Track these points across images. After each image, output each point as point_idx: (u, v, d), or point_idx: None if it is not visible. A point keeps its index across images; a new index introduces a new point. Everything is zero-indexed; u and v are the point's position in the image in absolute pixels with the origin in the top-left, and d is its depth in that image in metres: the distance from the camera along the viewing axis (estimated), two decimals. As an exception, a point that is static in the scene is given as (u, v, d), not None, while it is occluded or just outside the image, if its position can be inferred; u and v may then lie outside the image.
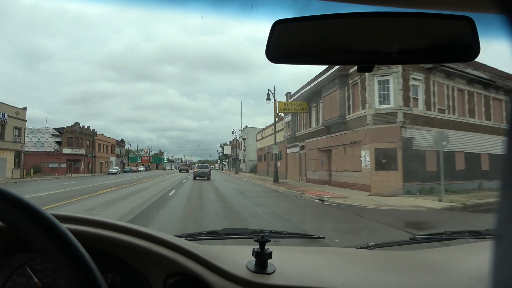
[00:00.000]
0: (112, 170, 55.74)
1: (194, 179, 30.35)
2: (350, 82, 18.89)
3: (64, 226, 0.54)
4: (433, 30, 0.62)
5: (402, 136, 15.73)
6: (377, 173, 16.23)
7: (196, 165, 40.34)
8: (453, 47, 0.63)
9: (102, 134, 67.54)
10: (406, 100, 16.31)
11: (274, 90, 27.38)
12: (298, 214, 10.14)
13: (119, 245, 0.85)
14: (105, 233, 0.86)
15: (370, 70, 0.64)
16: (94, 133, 61.09)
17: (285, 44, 0.64)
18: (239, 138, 65.58)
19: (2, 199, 0.50)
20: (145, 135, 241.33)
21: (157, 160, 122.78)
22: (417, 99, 16.90)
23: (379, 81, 16.36)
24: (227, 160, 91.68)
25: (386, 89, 16.39)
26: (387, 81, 16.22)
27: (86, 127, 57.20)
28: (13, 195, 0.51)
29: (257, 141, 49.67)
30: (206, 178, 30.46)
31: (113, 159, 73.95)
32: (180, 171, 57.46)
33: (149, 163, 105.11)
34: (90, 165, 55.47)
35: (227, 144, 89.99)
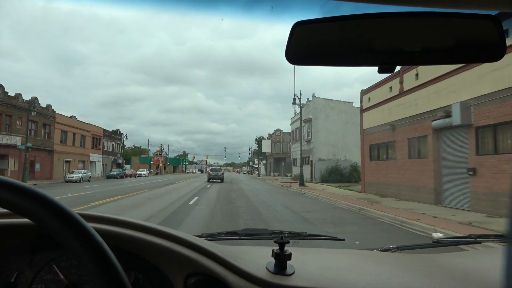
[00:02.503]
0: (73, 176, 35.14)
1: (208, 181, 33.77)
2: None
3: (90, 225, 0.56)
4: (456, 30, 0.61)
5: None
6: None
7: (210, 168, 41.66)
8: (477, 47, 0.62)
9: (72, 117, 41.26)
10: None
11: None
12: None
13: (141, 244, 0.87)
14: (128, 232, 0.88)
15: (391, 71, 0.64)
16: (51, 112, 35.09)
17: (305, 46, 0.64)
18: (296, 121, 39.51)
19: (30, 197, 0.52)
20: (173, 138, 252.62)
21: (174, 162, 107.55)
22: None
23: None
24: (264, 161, 63.53)
25: None
26: None
27: (34, 102, 31.54)
28: (41, 194, 0.53)
29: (363, 111, 21.88)
30: (219, 180, 34.15)
31: (97, 157, 47.83)
32: (209, 180, 35.27)
33: (160, 165, 79.24)
34: (40, 166, 36.08)
35: (264, 138, 61.98)
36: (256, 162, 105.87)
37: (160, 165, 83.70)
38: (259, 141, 71.00)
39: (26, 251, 0.93)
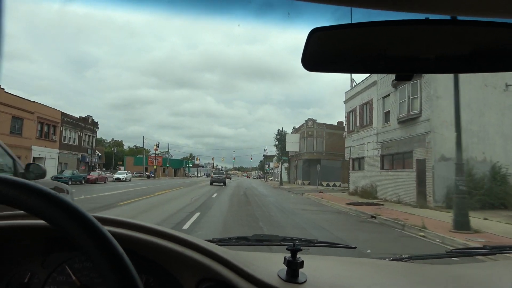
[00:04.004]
0: None
1: (211, 184, 34.11)
2: None
3: (105, 228, 0.58)
4: (476, 38, 0.61)
5: None
6: None
7: (213, 172, 44.63)
8: (497, 56, 0.62)
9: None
10: None
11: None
12: None
13: (154, 248, 0.88)
14: (142, 236, 0.90)
15: (409, 78, 0.65)
16: None
17: (321, 52, 0.64)
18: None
19: (45, 198, 0.54)
20: (182, 141, 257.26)
21: (175, 164, 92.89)
22: None
23: None
24: (285, 164, 46.26)
25: None
26: None
27: None
28: (56, 196, 0.55)
29: None
30: (222, 184, 34.72)
31: (48, 152, 31.42)
32: (212, 184, 34.98)
33: (155, 167, 63.14)
34: None
35: (290, 133, 44.87)
36: (272, 165, 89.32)
37: (155, 167, 67.63)
38: (281, 136, 53.74)
39: (39, 252, 0.94)
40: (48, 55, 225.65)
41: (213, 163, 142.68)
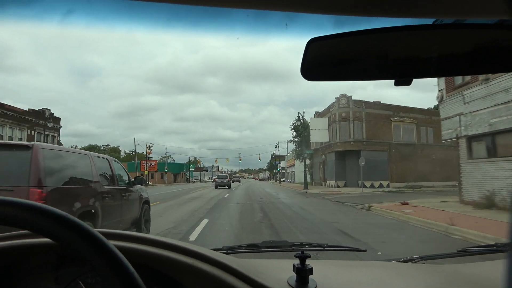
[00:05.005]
0: None
1: (216, 188, 34.26)
2: None
3: (111, 243, 0.58)
4: (478, 41, 0.61)
5: None
6: None
7: (217, 175, 45.71)
8: (499, 57, 0.62)
9: None
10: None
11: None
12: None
13: (163, 260, 0.89)
14: (149, 249, 0.90)
15: (409, 83, 0.65)
16: None
17: (320, 62, 0.65)
18: None
19: (49, 217, 0.55)
20: (188, 146, 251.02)
21: (174, 168, 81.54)
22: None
23: None
24: (307, 161, 34.57)
25: None
26: None
27: None
28: (60, 213, 0.56)
29: None
30: (226, 187, 34.78)
31: None
32: (216, 187, 35.12)
33: (146, 172, 52.02)
34: None
35: (313, 117, 33.43)
36: (284, 164, 77.73)
37: (146, 172, 56.48)
38: (302, 124, 40.98)
39: (52, 268, 0.96)
40: (52, 67, 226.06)
41: (217, 166, 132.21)
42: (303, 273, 0.89)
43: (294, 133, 44.87)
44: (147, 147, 60.99)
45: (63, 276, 0.95)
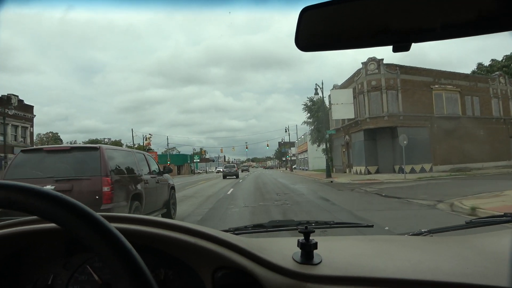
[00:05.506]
0: None
1: (224, 178, 34.06)
2: None
3: (113, 225, 0.58)
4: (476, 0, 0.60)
5: None
6: None
7: (224, 165, 44.66)
8: (501, 16, 0.59)
9: None
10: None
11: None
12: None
13: (168, 241, 0.90)
14: (154, 230, 0.91)
15: (407, 49, 0.64)
16: None
17: (315, 31, 0.65)
18: None
19: (52, 201, 0.55)
20: (194, 137, 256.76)
21: (178, 160, 75.76)
22: None
23: None
24: (323, 144, 28.78)
25: None
26: None
27: None
28: (61, 197, 0.56)
29: None
30: (234, 176, 35.06)
31: None
32: (225, 177, 35.34)
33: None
34: None
35: (334, 86, 27.43)
36: (294, 151, 71.71)
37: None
38: (317, 99, 33.87)
39: (60, 254, 0.98)
40: (55, 64, 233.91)
41: (224, 156, 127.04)
42: (307, 248, 0.89)
43: (308, 114, 38.87)
44: (144, 138, 55.72)
45: (71, 262, 0.97)
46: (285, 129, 68.47)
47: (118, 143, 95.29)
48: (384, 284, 0.81)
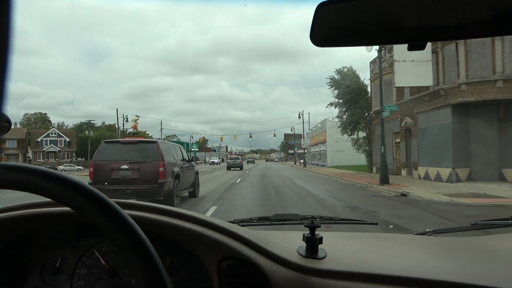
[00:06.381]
0: None
1: (228, 169, 35.65)
2: None
3: (126, 212, 0.60)
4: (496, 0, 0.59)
5: None
6: None
7: (228, 157, 45.61)
8: None
9: None
10: None
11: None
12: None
13: (176, 230, 0.92)
14: (163, 218, 0.93)
15: (423, 47, 0.64)
16: None
17: (330, 27, 0.64)
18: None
19: (66, 184, 0.56)
20: (199, 127, 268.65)
21: None
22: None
23: None
24: (372, 132, 18.05)
25: None
26: None
27: None
28: (79, 183, 0.57)
29: None
30: (238, 168, 37.21)
31: None
32: (229, 169, 37.06)
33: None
34: None
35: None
36: (308, 142, 61.02)
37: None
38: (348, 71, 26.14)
39: (69, 237, 1.00)
40: (63, 48, 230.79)
41: (226, 146, 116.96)
42: (312, 242, 0.90)
43: (336, 91, 28.44)
44: (124, 118, 45.70)
45: (80, 246, 0.99)
46: (299, 115, 57.59)
47: (111, 128, 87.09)
48: (388, 281, 0.82)
